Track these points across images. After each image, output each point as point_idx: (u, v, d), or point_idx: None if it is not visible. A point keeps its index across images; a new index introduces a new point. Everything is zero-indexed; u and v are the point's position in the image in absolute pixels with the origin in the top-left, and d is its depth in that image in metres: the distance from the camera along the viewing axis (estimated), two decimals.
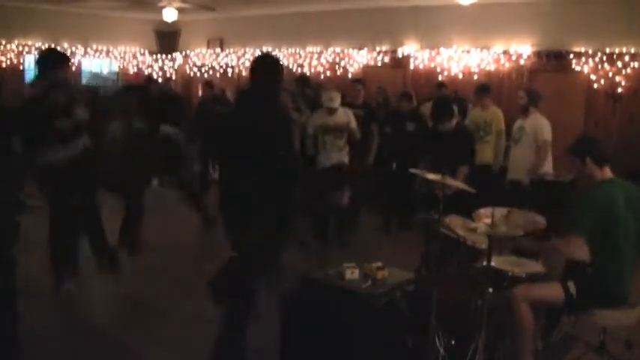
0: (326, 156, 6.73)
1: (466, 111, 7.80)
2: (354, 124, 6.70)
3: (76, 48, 12.10)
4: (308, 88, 8.28)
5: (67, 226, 4.95)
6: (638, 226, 3.55)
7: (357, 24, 10.42)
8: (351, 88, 7.77)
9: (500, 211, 3.67)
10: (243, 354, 3.83)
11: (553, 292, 3.61)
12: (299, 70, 11.11)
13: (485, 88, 7.53)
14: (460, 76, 9.18)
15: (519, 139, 6.37)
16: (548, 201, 5.84)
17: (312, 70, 10.92)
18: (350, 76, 10.27)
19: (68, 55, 4.10)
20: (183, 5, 9.52)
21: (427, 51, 9.60)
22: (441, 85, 8.36)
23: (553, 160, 6.60)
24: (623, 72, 7.80)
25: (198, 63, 12.96)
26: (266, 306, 4.36)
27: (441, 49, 9.42)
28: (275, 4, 10.36)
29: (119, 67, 12.97)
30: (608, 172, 3.63)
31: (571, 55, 8.20)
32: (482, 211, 3.79)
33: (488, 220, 3.61)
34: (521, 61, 8.66)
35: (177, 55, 13.42)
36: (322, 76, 10.61)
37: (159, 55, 13.36)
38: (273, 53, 11.55)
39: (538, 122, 6.31)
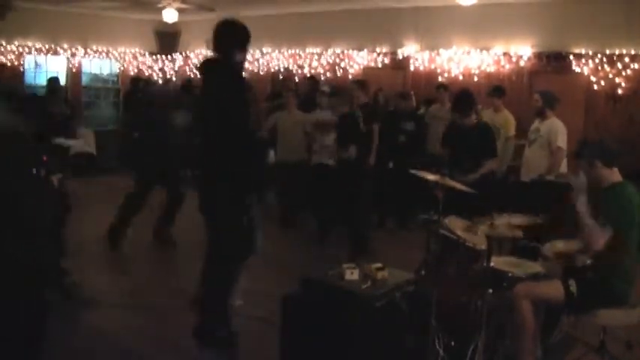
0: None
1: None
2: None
3: (76, 49, 12.09)
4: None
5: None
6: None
7: (357, 25, 10.42)
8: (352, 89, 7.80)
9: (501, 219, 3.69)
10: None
11: (554, 290, 3.60)
12: (299, 71, 11.11)
13: (499, 89, 7.46)
14: (460, 77, 9.18)
15: (533, 142, 6.29)
16: (548, 201, 5.83)
17: (313, 71, 10.92)
18: (350, 77, 10.28)
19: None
20: (183, 6, 9.53)
21: (427, 52, 9.60)
22: (441, 86, 8.36)
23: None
24: (623, 73, 7.80)
25: (199, 64, 12.95)
26: (266, 306, 4.37)
27: (441, 51, 9.42)
28: (275, 4, 10.36)
29: (119, 68, 12.97)
30: (617, 173, 3.62)
31: (571, 57, 8.20)
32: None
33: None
34: (522, 63, 8.66)
35: (177, 55, 13.43)
36: (322, 77, 10.61)
37: (159, 56, 13.36)
38: (273, 54, 11.56)
39: (554, 127, 6.19)
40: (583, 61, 8.10)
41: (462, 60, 9.22)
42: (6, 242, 2.56)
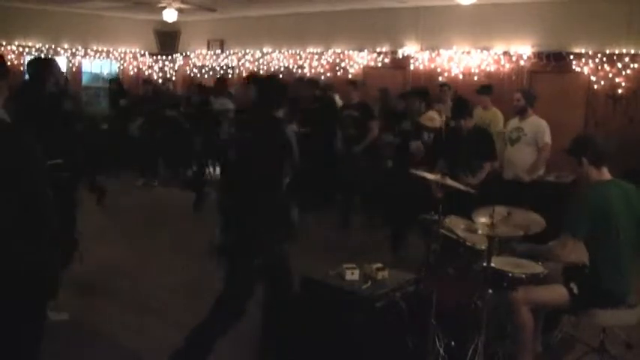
0: None
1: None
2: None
3: (77, 49, 12.10)
4: (317, 89, 8.46)
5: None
6: (637, 225, 3.55)
7: (357, 25, 10.42)
8: (345, 89, 7.92)
9: (500, 211, 3.67)
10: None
11: (556, 294, 3.60)
12: (299, 71, 11.11)
13: (487, 88, 7.49)
14: (460, 77, 9.18)
15: (517, 140, 6.34)
16: (548, 202, 5.83)
17: (313, 71, 10.92)
18: (350, 77, 10.28)
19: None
20: (183, 6, 9.53)
21: (427, 52, 9.60)
22: (444, 84, 8.37)
23: (550, 161, 6.61)
24: (623, 73, 7.80)
25: (199, 64, 12.97)
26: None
27: (441, 50, 9.42)
28: (275, 4, 10.36)
29: (119, 68, 12.98)
30: (605, 173, 3.61)
31: (571, 56, 8.20)
32: (482, 211, 3.78)
33: (487, 221, 3.61)
34: (522, 62, 8.66)
35: (177, 56, 13.43)
36: (323, 77, 10.61)
37: (159, 56, 13.37)
38: (273, 54, 11.57)
39: (539, 124, 6.28)
40: (583, 60, 8.10)
41: (462, 59, 9.22)
42: (14, 244, 2.48)
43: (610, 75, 7.89)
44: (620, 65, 7.81)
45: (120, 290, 5.33)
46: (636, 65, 7.71)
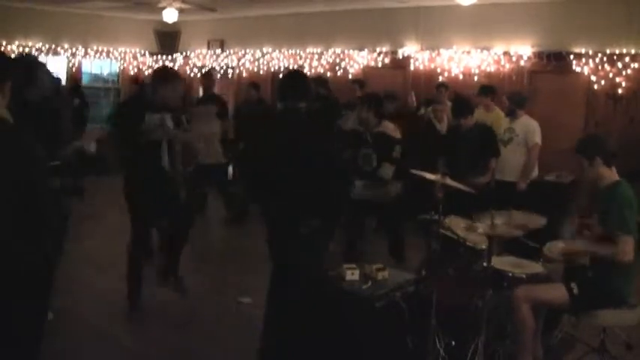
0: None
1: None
2: None
3: (77, 49, 12.10)
4: (322, 88, 8.44)
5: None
6: None
7: (357, 25, 10.42)
8: (350, 88, 7.86)
9: (501, 217, 3.69)
10: None
11: (556, 293, 3.60)
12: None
13: (489, 89, 7.43)
14: (460, 77, 9.18)
15: (509, 141, 6.36)
16: (548, 202, 5.84)
17: (313, 70, 10.92)
18: (350, 77, 10.28)
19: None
20: (183, 6, 9.52)
21: (427, 52, 9.60)
22: (441, 85, 8.35)
23: (550, 161, 6.62)
24: (624, 73, 7.79)
25: (199, 64, 12.97)
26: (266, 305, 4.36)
27: (442, 50, 9.42)
28: (276, 4, 10.36)
29: (119, 68, 12.99)
30: (615, 173, 3.63)
31: (571, 56, 8.19)
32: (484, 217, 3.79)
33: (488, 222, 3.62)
34: (522, 62, 8.65)
35: (177, 55, 13.43)
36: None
37: (159, 56, 13.36)
38: (273, 54, 11.57)
39: (529, 125, 6.32)
40: (583, 60, 8.09)
41: (462, 60, 9.21)
42: (14, 244, 2.48)
43: (610, 75, 7.89)
44: (620, 65, 7.81)
45: (120, 290, 5.33)
46: (636, 65, 7.70)
